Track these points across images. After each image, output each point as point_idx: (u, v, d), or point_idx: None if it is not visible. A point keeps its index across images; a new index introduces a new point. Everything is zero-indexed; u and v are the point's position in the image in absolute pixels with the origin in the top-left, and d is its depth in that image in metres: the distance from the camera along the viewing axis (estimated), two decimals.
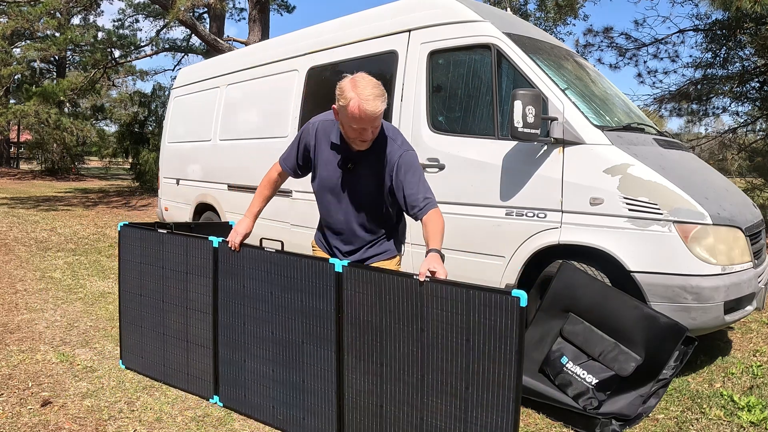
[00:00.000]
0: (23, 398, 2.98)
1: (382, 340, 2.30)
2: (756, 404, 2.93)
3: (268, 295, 2.70)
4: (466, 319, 2.08)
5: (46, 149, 27.14)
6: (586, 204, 3.26)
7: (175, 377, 3.17)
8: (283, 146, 5.17)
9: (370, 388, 2.37)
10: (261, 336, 2.75)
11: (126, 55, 18.90)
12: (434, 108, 4.05)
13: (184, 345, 3.11)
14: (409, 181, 2.37)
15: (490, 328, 2.03)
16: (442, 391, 2.16)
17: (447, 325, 2.12)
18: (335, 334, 2.45)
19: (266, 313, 2.72)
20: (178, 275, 3.12)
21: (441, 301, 2.13)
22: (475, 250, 3.75)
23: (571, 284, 3.11)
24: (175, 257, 3.13)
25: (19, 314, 4.48)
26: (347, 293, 2.39)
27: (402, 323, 2.24)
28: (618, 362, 2.88)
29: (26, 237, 8.46)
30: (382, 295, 2.28)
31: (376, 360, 2.33)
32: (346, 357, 2.43)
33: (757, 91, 10.86)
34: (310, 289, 2.53)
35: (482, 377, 2.06)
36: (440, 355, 2.15)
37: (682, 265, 3.05)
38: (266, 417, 2.77)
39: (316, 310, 2.51)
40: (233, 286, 2.85)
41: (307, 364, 2.58)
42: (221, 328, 2.92)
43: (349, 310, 2.39)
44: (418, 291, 2.18)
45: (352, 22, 4.82)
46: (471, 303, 2.07)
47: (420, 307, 2.18)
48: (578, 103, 3.52)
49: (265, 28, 13.39)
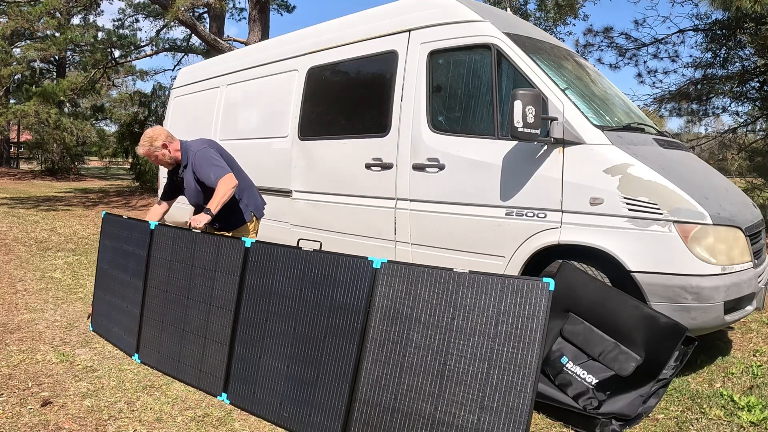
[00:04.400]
0: (23, 398, 2.98)
1: (409, 330, 2.44)
2: (756, 404, 2.93)
3: (297, 292, 2.80)
4: (497, 304, 2.27)
5: (46, 149, 27.14)
6: (586, 204, 3.26)
7: (188, 373, 3.20)
8: (282, 146, 5.18)
9: (388, 379, 2.45)
10: (281, 332, 2.83)
11: (126, 55, 18.91)
12: (434, 108, 4.05)
13: (201, 341, 3.17)
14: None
15: (520, 310, 2.22)
16: (462, 375, 2.28)
17: (478, 311, 2.30)
18: (361, 327, 2.54)
19: (291, 309, 2.81)
20: (206, 273, 3.23)
21: (474, 289, 2.33)
22: (475, 250, 3.75)
23: (571, 284, 3.11)
24: (206, 255, 3.26)
25: (19, 314, 4.48)
26: (381, 288, 2.53)
27: (432, 313, 2.39)
28: (618, 362, 2.88)
29: (26, 237, 8.46)
30: (417, 288, 2.44)
31: (399, 351, 2.43)
32: (368, 347, 2.50)
33: (757, 91, 10.86)
34: (343, 286, 2.64)
35: (505, 358, 2.23)
36: (466, 341, 2.30)
37: (682, 265, 3.05)
38: (271, 414, 2.78)
39: (345, 305, 2.61)
40: (260, 284, 2.95)
41: (326, 358, 2.65)
42: (240, 324, 2.99)
43: (380, 303, 2.52)
44: (453, 281, 2.37)
45: (352, 21, 4.82)
46: (504, 289, 2.27)
47: (453, 297, 2.36)
48: (578, 103, 3.52)
49: (265, 28, 13.38)
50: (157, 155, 3.71)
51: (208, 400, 3.02)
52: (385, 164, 4.24)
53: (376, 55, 4.48)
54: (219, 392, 3.02)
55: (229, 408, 2.94)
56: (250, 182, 4.00)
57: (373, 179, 4.34)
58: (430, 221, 3.96)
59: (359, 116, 4.60)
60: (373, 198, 4.35)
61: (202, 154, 3.65)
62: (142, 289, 3.60)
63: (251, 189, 3.97)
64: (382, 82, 4.37)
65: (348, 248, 4.59)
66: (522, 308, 2.22)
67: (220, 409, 2.93)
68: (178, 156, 3.76)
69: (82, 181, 25.01)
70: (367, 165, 4.37)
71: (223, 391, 3.01)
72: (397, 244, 4.19)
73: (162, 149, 3.71)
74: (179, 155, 3.75)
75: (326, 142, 4.79)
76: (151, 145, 3.69)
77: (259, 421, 2.81)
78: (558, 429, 2.80)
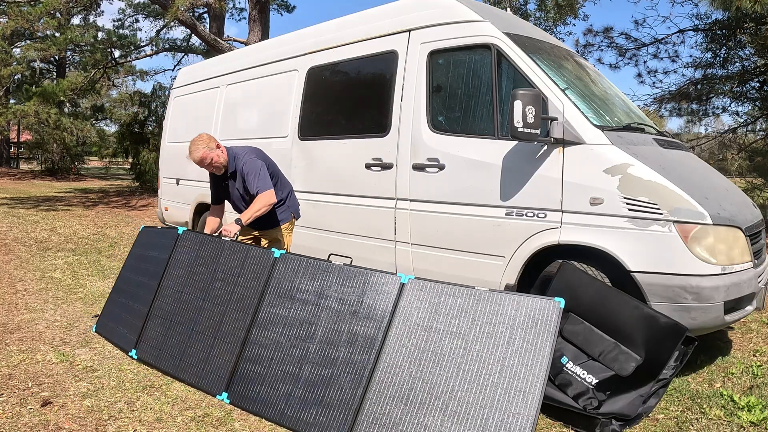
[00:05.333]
0: (23, 398, 2.98)
1: (428, 337, 2.59)
2: (756, 404, 2.93)
3: (321, 300, 2.90)
4: (512, 318, 2.48)
5: (46, 149, 27.12)
6: (586, 204, 3.26)
7: (189, 371, 3.21)
8: (282, 146, 5.18)
9: (402, 380, 2.54)
10: (298, 335, 2.89)
11: (126, 55, 18.90)
12: (434, 108, 4.05)
13: (210, 341, 3.19)
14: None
15: (533, 324, 2.43)
16: (475, 378, 2.45)
17: (495, 322, 2.50)
18: (383, 334, 2.65)
19: (312, 315, 2.90)
20: (229, 278, 3.30)
21: (492, 304, 2.54)
22: (475, 250, 3.75)
23: (571, 284, 3.11)
24: (232, 261, 3.33)
25: (19, 314, 4.48)
26: (405, 301, 2.72)
27: (451, 323, 2.57)
28: (618, 362, 2.88)
29: (26, 237, 8.46)
30: (439, 301, 2.65)
31: (416, 355, 2.55)
32: (387, 350, 2.61)
33: (757, 91, 10.86)
34: (370, 297, 2.77)
35: (517, 364, 2.39)
36: (481, 348, 2.47)
37: (682, 265, 3.05)
38: (275, 414, 2.78)
39: (369, 315, 2.79)
40: (283, 291, 3.03)
41: (342, 360, 2.72)
42: (255, 327, 3.03)
43: (403, 314, 2.69)
44: (473, 297, 2.59)
45: (352, 22, 4.82)
46: (519, 306, 2.51)
47: (472, 310, 2.57)
48: (578, 103, 3.52)
49: (265, 28, 13.38)
50: (212, 157, 3.72)
51: (208, 400, 3.02)
52: (385, 164, 4.25)
53: (376, 55, 4.48)
54: (220, 391, 3.02)
55: (229, 408, 2.93)
56: (290, 184, 4.17)
57: (373, 179, 4.34)
58: (430, 221, 3.96)
59: (359, 116, 4.60)
60: (373, 198, 4.35)
61: (252, 165, 3.74)
62: (156, 288, 3.63)
63: (292, 191, 4.16)
64: (382, 82, 4.37)
65: (348, 248, 4.59)
66: (535, 323, 2.44)
67: (220, 409, 2.93)
68: (226, 158, 3.81)
69: (82, 181, 25.01)
70: (367, 165, 4.37)
71: (224, 391, 3.01)
72: (397, 244, 4.19)
73: (217, 149, 3.75)
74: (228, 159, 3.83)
75: (326, 142, 4.79)
76: (207, 146, 3.70)
77: (260, 421, 2.81)
78: (558, 429, 2.80)
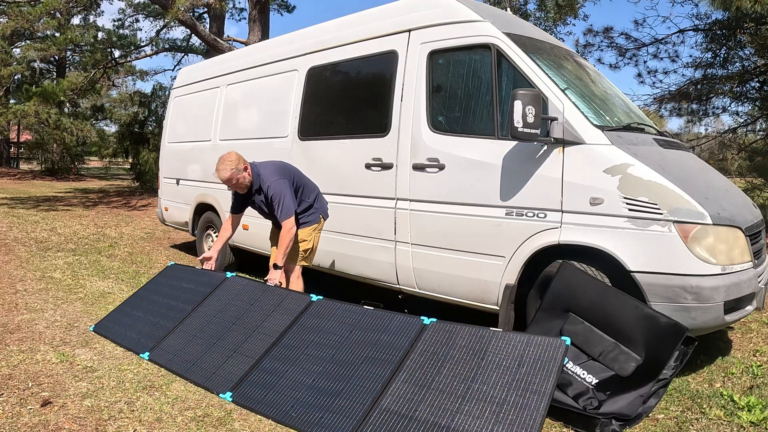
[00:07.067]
0: (23, 398, 2.98)
1: (443, 363, 2.75)
2: (756, 404, 2.93)
3: (346, 331, 3.10)
4: (521, 351, 2.67)
5: (46, 149, 27.12)
6: (586, 204, 3.26)
7: (198, 374, 3.24)
8: (283, 146, 5.18)
9: (413, 396, 2.63)
10: (318, 356, 3.03)
11: (126, 55, 18.90)
12: (434, 108, 4.05)
13: (229, 353, 3.30)
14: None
15: (540, 356, 2.62)
16: (483, 396, 2.53)
17: (505, 353, 2.69)
18: (399, 359, 2.85)
19: (335, 342, 3.08)
20: (264, 311, 3.51)
21: (503, 341, 2.74)
22: (475, 250, 3.75)
23: (571, 284, 3.11)
24: (270, 299, 3.62)
25: (19, 314, 4.48)
26: (425, 336, 2.93)
27: (465, 353, 2.77)
28: (618, 362, 2.88)
29: (26, 237, 8.46)
30: (455, 337, 2.86)
31: (429, 377, 2.71)
32: (401, 371, 2.79)
33: (757, 91, 10.86)
34: (392, 332, 3.02)
35: (522, 384, 2.53)
36: (492, 372, 2.63)
37: (682, 265, 3.05)
38: (278, 414, 2.79)
39: (389, 344, 2.96)
40: (312, 324, 3.28)
41: (357, 377, 2.83)
42: (278, 347, 3.19)
43: (421, 348, 2.88)
44: (487, 334, 2.81)
45: (352, 22, 4.82)
46: (529, 342, 2.69)
47: (485, 343, 2.77)
48: (578, 103, 3.52)
49: (265, 28, 13.37)
50: (238, 178, 3.81)
51: (208, 400, 3.02)
52: (385, 164, 4.24)
53: (376, 55, 4.48)
54: (224, 391, 3.02)
55: (229, 408, 2.93)
56: (316, 187, 4.24)
57: (373, 179, 4.34)
58: (430, 221, 3.96)
59: (359, 116, 4.60)
60: (373, 198, 4.35)
61: (275, 189, 3.84)
62: (189, 312, 3.78)
63: (320, 193, 4.25)
64: (382, 82, 4.37)
65: (348, 248, 4.59)
66: (542, 356, 2.62)
67: (220, 409, 2.93)
68: (251, 179, 3.93)
69: (82, 181, 25.00)
70: (367, 165, 4.37)
71: (229, 390, 3.01)
72: (397, 244, 4.19)
73: (244, 171, 3.83)
74: (251, 178, 3.93)
75: (326, 142, 4.79)
76: (236, 168, 3.78)
77: (260, 421, 2.80)
78: (558, 429, 2.80)
